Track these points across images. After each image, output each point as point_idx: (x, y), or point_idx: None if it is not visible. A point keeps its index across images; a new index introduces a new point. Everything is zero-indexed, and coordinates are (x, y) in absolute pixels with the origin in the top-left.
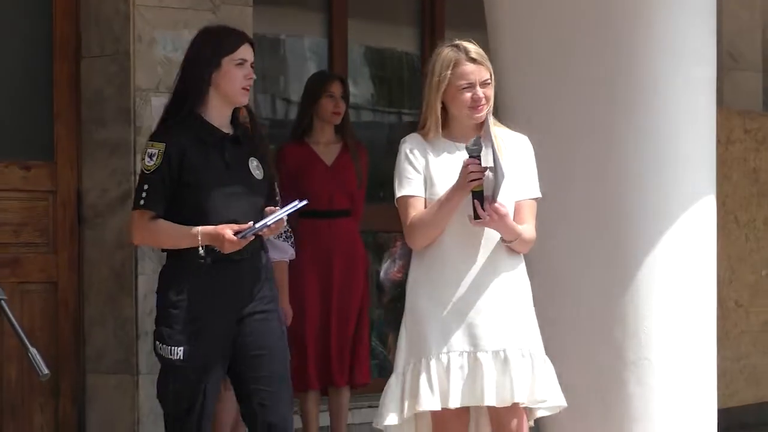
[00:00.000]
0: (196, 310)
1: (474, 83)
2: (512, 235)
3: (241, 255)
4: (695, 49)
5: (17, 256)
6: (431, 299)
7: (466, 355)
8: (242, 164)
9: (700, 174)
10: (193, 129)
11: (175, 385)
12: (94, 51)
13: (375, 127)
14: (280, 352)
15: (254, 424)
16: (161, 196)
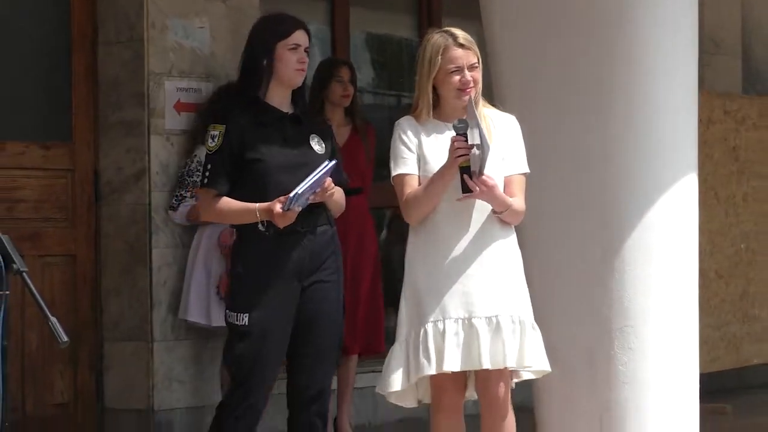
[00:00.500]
0: (262, 279)
1: (462, 67)
2: (502, 206)
3: (305, 227)
4: (678, 34)
5: (38, 230)
6: (427, 271)
7: (461, 321)
8: (303, 141)
9: (682, 152)
10: (253, 110)
11: (240, 350)
12: (110, 38)
13: (375, 110)
14: (332, 321)
15: (291, 385)
16: (224, 175)
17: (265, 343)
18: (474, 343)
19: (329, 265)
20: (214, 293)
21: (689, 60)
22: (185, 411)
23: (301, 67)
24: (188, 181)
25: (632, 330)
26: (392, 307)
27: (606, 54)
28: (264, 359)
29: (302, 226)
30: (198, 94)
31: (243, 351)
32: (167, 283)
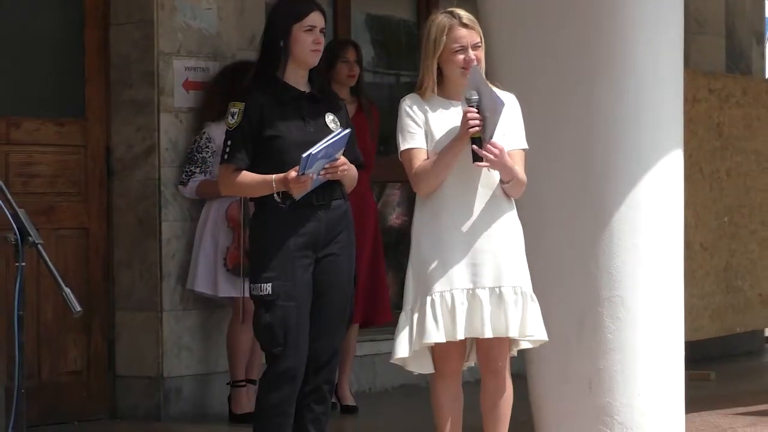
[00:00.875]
0: (281, 250)
1: (466, 46)
2: (510, 174)
3: (320, 201)
4: (664, 15)
5: (52, 204)
6: (434, 242)
7: (467, 291)
8: (319, 119)
9: (668, 129)
10: (271, 89)
11: (267, 319)
12: (121, 18)
13: (376, 88)
14: (342, 293)
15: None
16: (243, 151)
17: (290, 309)
18: (477, 313)
19: (342, 238)
20: (221, 265)
21: (675, 40)
22: (193, 378)
23: (317, 48)
24: (197, 157)
25: (620, 300)
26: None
27: (594, 36)
28: (292, 325)
29: (317, 200)
30: (205, 73)
31: (271, 320)
32: (176, 256)
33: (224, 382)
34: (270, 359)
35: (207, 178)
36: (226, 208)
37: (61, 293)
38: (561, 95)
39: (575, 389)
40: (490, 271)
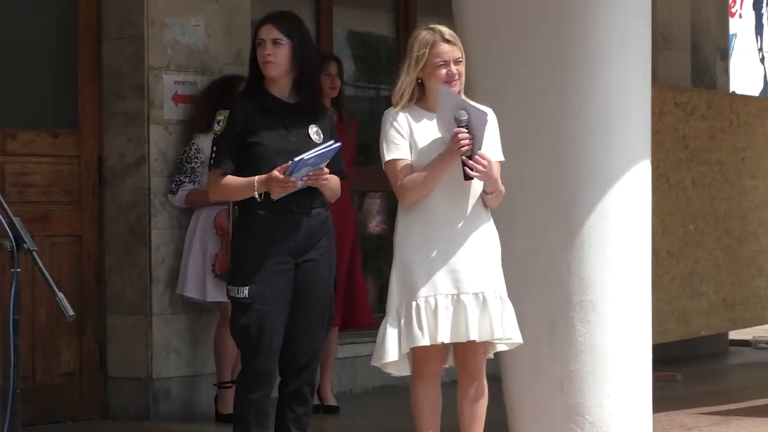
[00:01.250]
0: (259, 255)
1: (448, 61)
2: (495, 185)
3: (300, 209)
4: (633, 31)
5: (46, 212)
6: (419, 249)
7: (451, 297)
8: (302, 129)
9: (636, 140)
10: (258, 99)
11: (243, 321)
12: (113, 34)
13: (357, 100)
14: (321, 297)
15: (283, 354)
16: (228, 156)
17: (265, 312)
18: (462, 317)
19: (322, 245)
20: (210, 271)
21: (643, 55)
22: (181, 379)
23: (266, 60)
24: (187, 167)
25: (591, 304)
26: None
27: (565, 50)
28: (266, 327)
29: (298, 207)
30: (194, 87)
31: (246, 322)
32: (165, 262)
33: (211, 384)
34: (244, 360)
35: (196, 187)
36: (214, 217)
37: (55, 298)
38: (532, 107)
39: (547, 390)
40: (472, 277)
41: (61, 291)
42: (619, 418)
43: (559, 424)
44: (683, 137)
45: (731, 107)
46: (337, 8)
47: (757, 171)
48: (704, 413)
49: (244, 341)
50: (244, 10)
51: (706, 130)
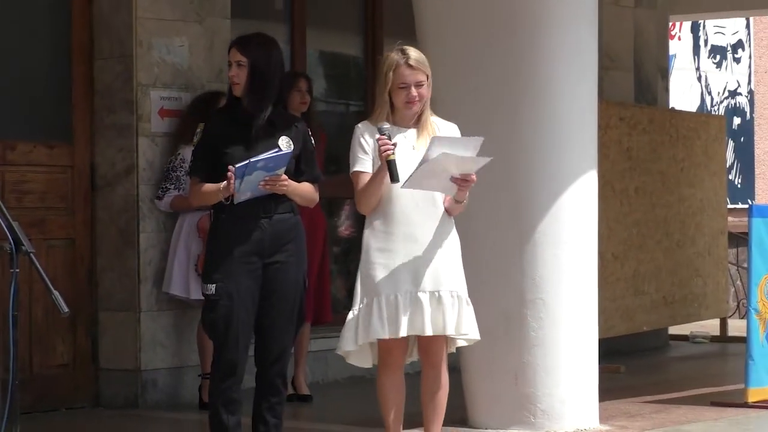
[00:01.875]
0: (226, 255)
1: (409, 84)
2: (464, 197)
3: (264, 214)
4: (582, 53)
5: (43, 217)
6: (381, 250)
7: (409, 294)
8: (271, 140)
9: (584, 152)
10: (231, 113)
11: (211, 315)
12: (104, 54)
13: (328, 115)
14: (289, 296)
15: (256, 349)
16: (203, 165)
17: (231, 307)
18: (419, 314)
19: (289, 248)
20: (193, 271)
21: (590, 74)
22: (167, 370)
23: (231, 79)
24: (172, 175)
25: (542, 302)
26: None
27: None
28: (232, 321)
29: (263, 212)
30: (178, 102)
31: (214, 316)
32: (152, 263)
33: (195, 374)
34: (215, 352)
35: (180, 194)
36: (197, 220)
37: (51, 296)
38: (490, 122)
39: (503, 380)
40: (430, 277)
41: (56, 289)
42: (568, 406)
43: (513, 412)
44: (627, 149)
45: (671, 122)
46: (309, 30)
47: (694, 180)
48: (646, 402)
49: (212, 335)
50: (225, 32)
51: (648, 143)
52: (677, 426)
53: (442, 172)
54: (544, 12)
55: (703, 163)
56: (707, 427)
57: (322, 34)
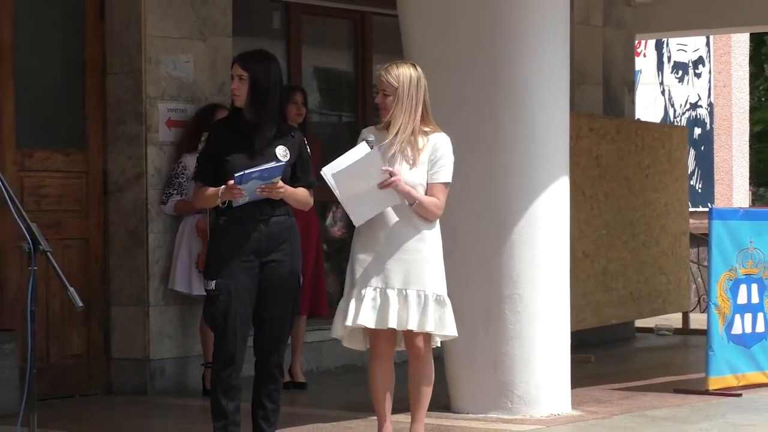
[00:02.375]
0: (226, 254)
1: (379, 91)
2: (410, 198)
3: (261, 216)
4: (555, 69)
5: (59, 219)
6: (364, 250)
7: (379, 290)
8: (268, 149)
9: (558, 160)
10: (233, 123)
11: (211, 309)
12: (116, 69)
13: (322, 126)
14: (284, 292)
15: (254, 341)
16: (206, 170)
17: (229, 302)
18: (385, 308)
19: (284, 247)
20: (195, 268)
21: (562, 88)
22: (173, 360)
23: (233, 91)
24: (175, 182)
25: (519, 297)
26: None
27: (496, 86)
28: (230, 315)
29: (260, 214)
30: (184, 114)
31: (214, 310)
32: (159, 261)
33: (199, 364)
34: (215, 343)
35: (183, 198)
36: (196, 222)
37: (66, 291)
38: (472, 133)
39: (483, 369)
40: (399, 276)
41: (71, 286)
42: (543, 392)
43: (492, 398)
44: (596, 157)
45: (636, 132)
46: (305, 48)
47: (658, 186)
48: (615, 389)
49: (212, 327)
50: (227, 49)
51: (616, 151)
52: (643, 411)
53: (365, 193)
54: (522, 31)
55: (667, 170)
56: (671, 413)
57: (316, 51)
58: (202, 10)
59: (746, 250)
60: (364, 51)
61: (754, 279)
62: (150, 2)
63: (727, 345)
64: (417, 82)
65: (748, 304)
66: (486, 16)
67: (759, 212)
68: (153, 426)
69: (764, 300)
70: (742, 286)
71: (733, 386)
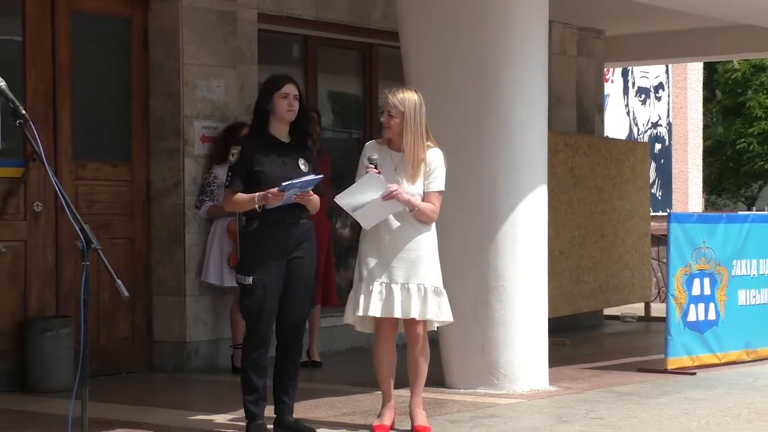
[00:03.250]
0: (259, 253)
1: (384, 110)
2: (409, 205)
3: (288, 220)
4: (536, 94)
5: (109, 222)
6: (371, 249)
7: (385, 284)
8: (294, 161)
9: (538, 170)
10: (262, 138)
11: (247, 301)
12: (158, 92)
13: (334, 141)
14: (305, 283)
15: (277, 325)
16: (239, 179)
17: (264, 295)
18: (390, 300)
19: (306, 246)
20: (226, 264)
21: (541, 109)
22: (206, 342)
23: (290, 108)
24: (207, 189)
25: (503, 288)
26: (344, 275)
27: (484, 105)
28: (264, 306)
29: (288, 219)
30: (216, 131)
31: (250, 302)
32: (195, 258)
33: (228, 345)
34: (248, 329)
35: (214, 204)
36: (227, 225)
37: (115, 284)
38: (465, 149)
39: (472, 351)
40: (401, 271)
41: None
42: (524, 370)
43: (480, 376)
44: (571, 168)
45: (605, 147)
46: (320, 74)
47: (624, 194)
48: (586, 368)
49: (247, 316)
50: (253, 76)
51: (587, 164)
52: (610, 387)
53: (372, 204)
54: (506, 61)
55: (631, 180)
56: (634, 389)
57: (330, 77)
58: (232, 42)
59: (700, 249)
60: (371, 77)
61: (706, 274)
62: (187, 36)
63: (683, 330)
64: (420, 107)
65: (701, 295)
66: (478, 48)
67: (710, 216)
68: (189, 399)
69: (716, 292)
70: (696, 280)
71: (689, 366)
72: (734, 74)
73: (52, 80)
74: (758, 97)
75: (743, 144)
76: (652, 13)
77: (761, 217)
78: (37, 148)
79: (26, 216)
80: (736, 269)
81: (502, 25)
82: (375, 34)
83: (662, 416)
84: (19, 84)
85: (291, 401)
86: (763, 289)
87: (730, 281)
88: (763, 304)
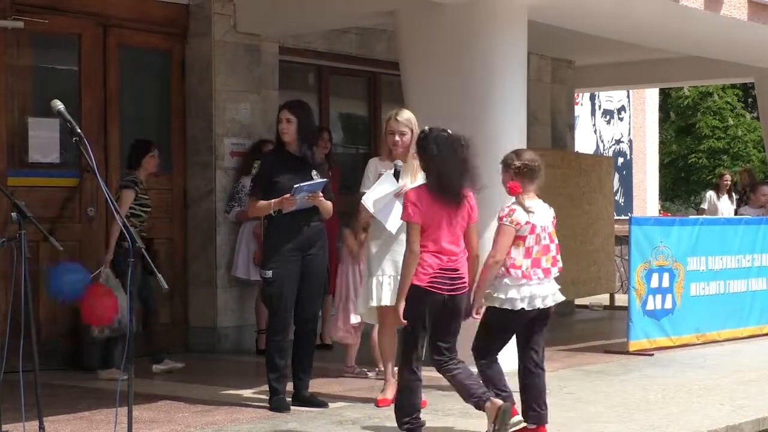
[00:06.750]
0: (278, 250)
1: (394, 133)
2: None
3: (303, 221)
4: (516, 115)
5: (151, 225)
6: (378, 248)
7: (392, 278)
8: (306, 173)
9: None
10: (280, 154)
11: (269, 290)
12: (193, 113)
13: (343, 156)
14: (318, 276)
15: (295, 313)
16: (260, 188)
17: (282, 286)
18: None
19: (319, 245)
20: (252, 261)
21: (520, 128)
22: (235, 327)
23: (282, 131)
24: (236, 197)
25: None
26: None
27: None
28: (282, 295)
29: (302, 220)
30: (243, 147)
31: (271, 292)
32: (225, 255)
33: (253, 330)
34: (270, 316)
35: (241, 209)
36: (253, 228)
37: (156, 277)
38: None
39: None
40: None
41: (159, 273)
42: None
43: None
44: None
45: (576, 161)
46: (332, 98)
47: (592, 200)
48: (560, 350)
49: (269, 304)
50: (274, 100)
51: (560, 175)
52: (581, 366)
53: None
54: (493, 88)
55: (598, 189)
56: (602, 368)
57: (340, 101)
58: (256, 71)
59: (658, 248)
60: (376, 101)
61: (665, 269)
62: (218, 66)
63: (643, 318)
64: (417, 123)
65: (659, 287)
66: (467, 77)
67: (666, 220)
68: (219, 375)
69: (674, 285)
70: (654, 274)
71: (647, 348)
72: (685, 99)
73: (104, 103)
74: (705, 118)
75: (693, 158)
76: (615, 46)
77: (709, 220)
78: (90, 162)
79: (81, 219)
80: (690, 265)
81: (487, 57)
82: (379, 64)
83: (625, 391)
84: (75, 106)
85: (307, 378)
86: (711, 282)
87: (686, 275)
88: (712, 295)
